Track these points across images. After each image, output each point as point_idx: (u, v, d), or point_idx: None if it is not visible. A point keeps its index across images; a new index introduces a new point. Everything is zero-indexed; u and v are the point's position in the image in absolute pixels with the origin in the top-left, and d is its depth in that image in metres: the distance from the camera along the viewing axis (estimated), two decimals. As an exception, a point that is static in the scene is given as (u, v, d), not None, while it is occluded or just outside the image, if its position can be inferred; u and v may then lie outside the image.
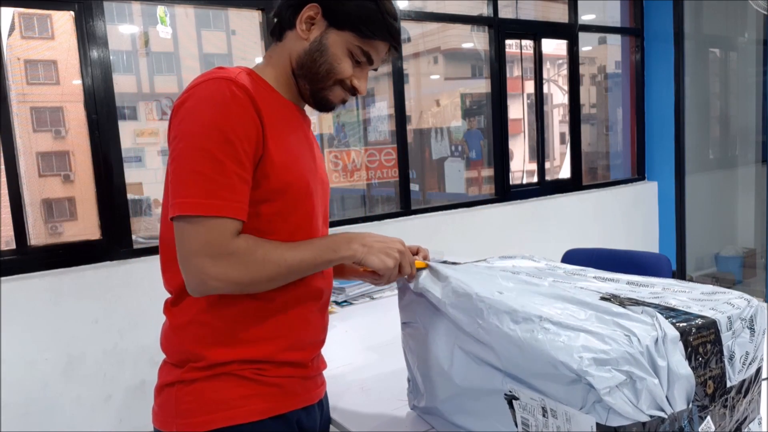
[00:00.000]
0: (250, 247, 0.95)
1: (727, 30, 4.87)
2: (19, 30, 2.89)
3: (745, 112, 4.70)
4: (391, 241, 1.08)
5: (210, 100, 0.93)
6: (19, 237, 2.51)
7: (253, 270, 0.94)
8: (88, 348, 2.58)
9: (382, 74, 3.66)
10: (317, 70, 1.04)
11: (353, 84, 1.07)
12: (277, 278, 0.98)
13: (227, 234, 0.92)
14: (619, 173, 4.99)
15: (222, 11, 3.25)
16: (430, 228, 3.61)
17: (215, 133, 0.91)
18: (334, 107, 1.11)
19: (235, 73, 0.98)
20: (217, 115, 0.92)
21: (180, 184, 0.92)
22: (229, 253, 0.92)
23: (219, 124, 0.92)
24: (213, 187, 0.91)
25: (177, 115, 0.97)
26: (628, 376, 0.68)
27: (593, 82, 5.19)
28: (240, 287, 0.96)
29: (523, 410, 0.82)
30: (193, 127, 0.93)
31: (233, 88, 0.94)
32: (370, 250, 1.04)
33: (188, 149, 0.92)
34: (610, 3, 4.81)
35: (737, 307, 0.79)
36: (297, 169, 1.04)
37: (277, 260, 0.96)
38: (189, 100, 0.95)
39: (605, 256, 2.15)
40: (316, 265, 1.01)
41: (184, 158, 0.92)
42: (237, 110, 0.93)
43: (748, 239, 4.67)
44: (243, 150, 0.93)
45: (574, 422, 0.72)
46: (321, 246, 1.02)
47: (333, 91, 1.07)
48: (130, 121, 3.13)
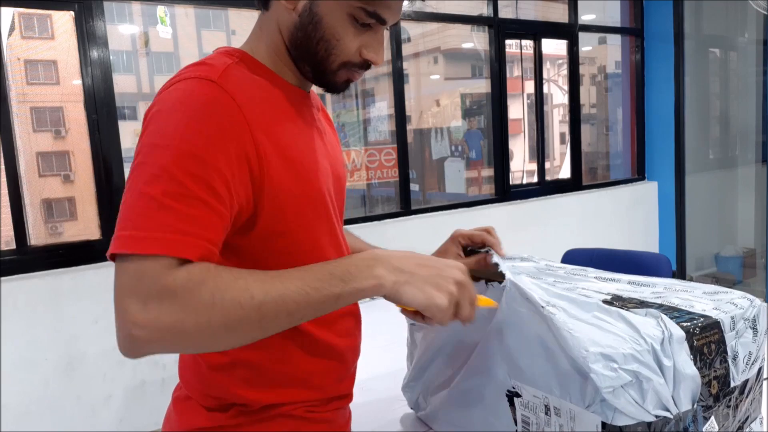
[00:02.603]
0: (194, 278, 0.66)
1: (727, 30, 4.87)
2: (19, 30, 2.89)
3: (745, 112, 4.70)
4: (445, 267, 0.75)
5: (180, 104, 0.73)
6: (19, 237, 2.51)
7: (197, 312, 0.65)
8: (88, 348, 2.58)
9: (382, 74, 3.66)
10: (315, 49, 0.81)
11: (365, 57, 0.83)
12: (240, 326, 0.67)
13: (166, 270, 0.66)
14: (619, 173, 4.99)
15: (222, 11, 3.25)
16: (430, 228, 3.61)
17: (180, 145, 0.69)
18: (344, 89, 0.89)
19: (218, 69, 0.76)
20: (187, 123, 0.71)
21: (124, 212, 0.69)
22: (161, 290, 0.65)
23: (186, 135, 0.70)
24: (162, 217, 0.67)
25: (146, 118, 0.76)
26: (635, 376, 0.68)
27: (593, 82, 5.19)
28: (182, 339, 0.67)
29: (524, 408, 0.81)
30: (154, 137, 0.71)
31: (214, 92, 0.73)
32: (409, 278, 0.72)
33: (142, 165, 0.70)
34: (610, 3, 4.81)
35: (740, 307, 0.79)
36: (314, 181, 0.83)
37: (237, 297, 0.66)
38: (157, 105, 0.75)
39: (605, 256, 2.15)
40: (311, 305, 0.69)
41: (135, 176, 0.70)
42: (215, 120, 0.72)
43: (748, 239, 4.67)
44: (217, 171, 0.70)
45: (579, 421, 0.72)
46: (322, 273, 0.71)
47: (339, 74, 0.84)
48: (130, 121, 3.13)
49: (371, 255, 0.73)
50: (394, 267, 0.72)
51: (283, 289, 0.68)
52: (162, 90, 0.77)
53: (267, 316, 0.68)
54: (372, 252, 0.74)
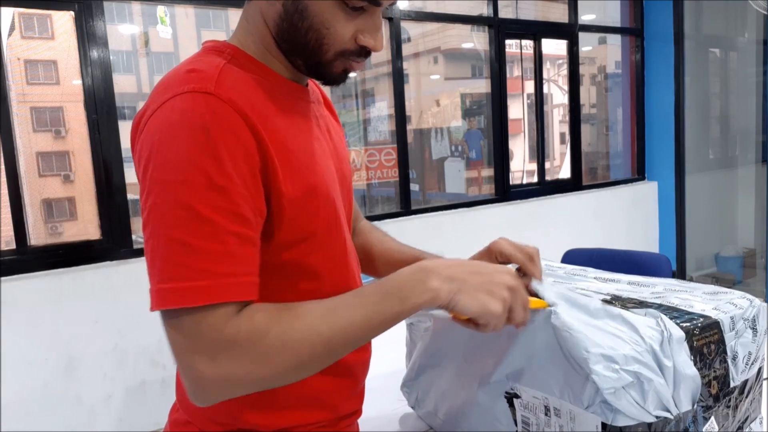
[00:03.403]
0: (257, 326, 0.65)
1: (727, 30, 4.87)
2: (19, 30, 2.89)
3: (745, 112, 4.70)
4: (495, 273, 0.73)
5: (182, 129, 0.65)
6: (19, 237, 2.51)
7: (269, 360, 0.65)
8: (88, 348, 2.58)
9: (382, 74, 3.66)
10: (304, 40, 0.73)
11: (361, 44, 0.74)
12: (312, 362, 0.68)
13: (222, 318, 0.64)
14: (619, 173, 4.99)
15: (222, 11, 3.25)
16: (430, 228, 3.61)
17: (196, 177, 0.64)
18: (344, 80, 0.80)
19: (212, 77, 0.69)
20: (195, 150, 0.64)
21: (156, 261, 0.65)
22: (227, 344, 0.64)
23: (199, 163, 0.64)
24: (202, 262, 0.64)
25: (139, 145, 0.69)
26: (636, 376, 0.68)
27: (593, 82, 5.19)
28: (257, 386, 0.68)
29: (524, 409, 0.81)
30: (164, 172, 0.65)
31: (213, 106, 0.66)
32: (461, 287, 0.70)
33: (161, 207, 0.65)
34: (610, 3, 4.81)
35: (740, 307, 0.79)
36: (321, 186, 0.77)
37: (306, 337, 0.66)
38: (155, 132, 0.67)
39: (605, 256, 2.15)
40: (374, 328, 0.70)
41: (156, 219, 0.65)
42: (223, 139, 0.66)
43: (748, 239, 4.67)
44: (239, 195, 0.66)
45: (579, 422, 0.72)
46: (378, 295, 0.70)
47: (336, 65, 0.76)
48: (130, 121, 3.13)
49: (421, 268, 0.71)
50: (445, 277, 0.70)
51: (347, 318, 0.68)
52: (153, 107, 0.69)
53: (335, 349, 0.69)
54: (420, 265, 0.72)
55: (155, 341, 2.69)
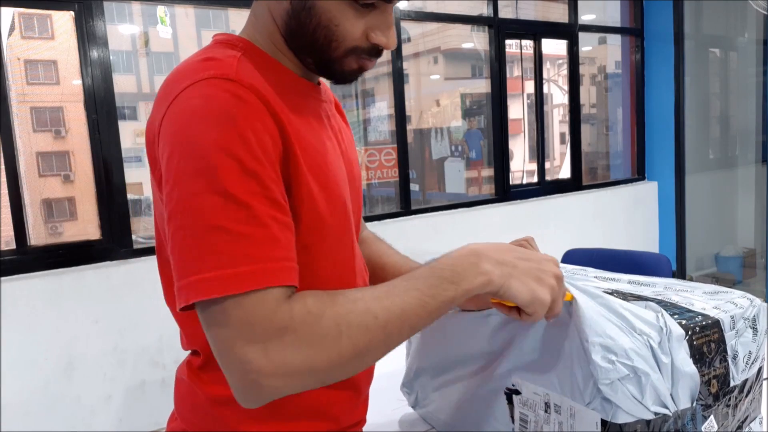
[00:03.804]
0: (311, 309, 0.61)
1: (727, 30, 4.87)
2: (19, 30, 2.89)
3: (745, 112, 4.70)
4: (543, 260, 0.70)
5: (206, 113, 0.62)
6: (19, 237, 2.51)
7: (325, 345, 0.61)
8: (88, 348, 2.58)
9: (382, 74, 3.67)
10: (312, 38, 0.71)
11: (373, 41, 0.72)
12: (369, 348, 0.63)
13: (272, 305, 0.60)
14: (619, 173, 4.99)
15: (222, 11, 3.25)
16: (430, 228, 3.61)
17: (226, 163, 0.60)
18: (356, 78, 0.77)
19: (231, 65, 0.67)
20: (223, 135, 0.61)
21: (189, 252, 0.61)
22: (280, 330, 0.60)
23: (228, 148, 0.61)
24: (243, 247, 0.60)
25: (161, 138, 0.65)
26: (633, 370, 0.68)
27: (593, 82, 5.19)
28: (314, 377, 0.62)
29: (523, 406, 0.81)
30: (192, 160, 0.61)
31: (237, 91, 0.63)
32: (512, 272, 0.68)
33: (193, 196, 0.61)
34: (610, 3, 4.81)
35: (740, 307, 0.79)
36: (334, 187, 0.75)
37: (362, 321, 0.62)
38: (175, 120, 0.64)
39: (605, 256, 2.15)
40: (430, 313, 0.65)
41: (190, 211, 0.61)
42: (250, 124, 0.63)
43: (748, 239, 4.67)
44: (271, 179, 0.63)
45: (579, 418, 0.72)
46: (432, 279, 0.66)
47: (347, 62, 0.74)
48: (130, 121, 3.13)
49: (472, 251, 0.68)
50: (496, 260, 0.67)
51: (403, 303, 0.64)
52: (171, 96, 0.65)
53: (392, 334, 0.64)
54: (470, 247, 0.69)
55: (155, 341, 2.70)
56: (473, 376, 0.92)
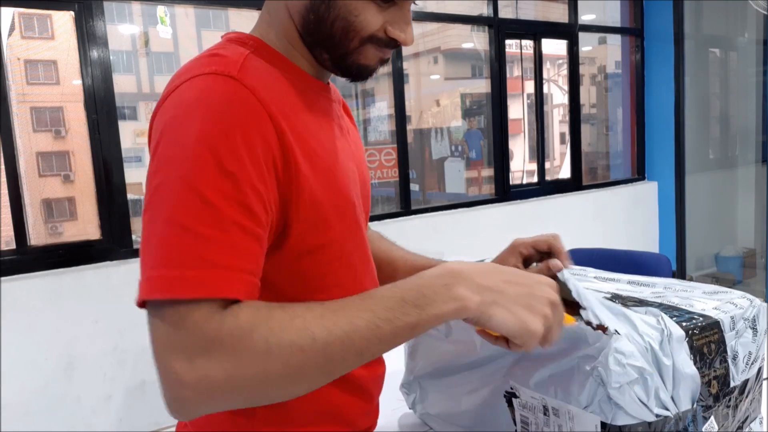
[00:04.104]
0: (241, 323, 0.57)
1: (727, 30, 4.87)
2: (19, 30, 2.89)
3: (745, 112, 4.70)
4: (536, 284, 0.64)
5: (197, 107, 0.61)
6: (19, 237, 2.51)
7: (251, 361, 0.56)
8: (88, 348, 2.58)
9: (382, 74, 3.66)
10: (330, 31, 0.70)
11: (390, 35, 0.71)
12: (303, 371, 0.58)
13: (210, 315, 0.56)
14: (619, 173, 4.99)
15: (222, 11, 3.25)
16: (430, 228, 3.61)
17: (204, 158, 0.59)
18: (371, 73, 0.76)
19: (236, 62, 0.66)
20: (208, 130, 0.59)
21: (151, 245, 0.59)
22: (206, 342, 0.56)
23: (210, 144, 0.59)
24: (197, 249, 0.57)
25: (155, 128, 0.65)
26: (640, 372, 0.68)
27: (593, 82, 5.19)
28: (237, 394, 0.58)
29: (523, 408, 0.81)
30: (172, 149, 0.60)
31: (234, 90, 0.62)
32: (497, 298, 0.61)
33: (166, 186, 0.59)
34: (610, 3, 4.81)
35: (740, 307, 0.79)
36: (343, 188, 0.73)
37: (296, 341, 0.56)
38: (170, 109, 0.64)
39: (605, 256, 2.15)
40: (382, 339, 0.58)
41: (157, 200, 0.60)
42: (240, 124, 0.61)
43: (748, 239, 4.67)
44: (250, 185, 0.60)
45: (578, 421, 0.72)
46: (392, 300, 0.59)
47: (363, 53, 0.72)
48: (130, 121, 3.14)
49: (448, 271, 0.61)
50: (477, 285, 0.60)
51: (349, 324, 0.57)
52: (171, 88, 0.65)
53: (333, 359, 0.58)
54: (447, 267, 0.62)
55: (155, 341, 2.69)
56: (473, 377, 0.92)
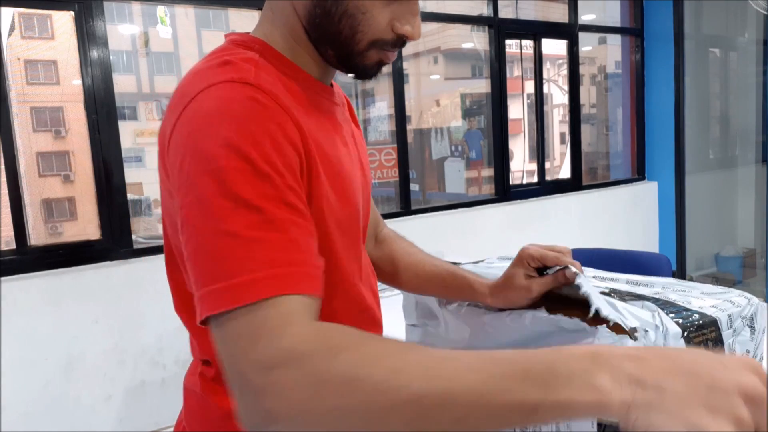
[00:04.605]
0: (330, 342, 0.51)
1: (727, 30, 4.87)
2: (19, 30, 2.90)
3: (745, 112, 4.70)
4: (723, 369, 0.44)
5: (222, 115, 0.58)
6: (19, 237, 2.51)
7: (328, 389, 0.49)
8: (88, 348, 2.58)
9: (382, 74, 3.66)
10: (337, 28, 0.68)
11: (398, 32, 0.71)
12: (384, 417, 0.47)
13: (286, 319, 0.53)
14: (619, 173, 4.99)
15: (222, 11, 3.25)
16: (430, 228, 3.61)
17: (239, 164, 0.56)
18: (376, 72, 0.75)
19: (250, 69, 0.64)
20: (238, 137, 0.57)
21: (201, 263, 0.56)
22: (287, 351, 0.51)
23: (242, 150, 0.56)
24: (255, 253, 0.54)
25: (172, 147, 0.61)
26: None
27: (593, 82, 5.19)
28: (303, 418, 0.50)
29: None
30: (203, 163, 0.57)
31: (255, 95, 0.60)
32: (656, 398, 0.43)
33: (203, 201, 0.56)
34: (610, 3, 4.81)
35: (738, 306, 0.79)
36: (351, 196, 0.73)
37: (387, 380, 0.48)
38: (189, 119, 0.60)
39: (605, 256, 2.15)
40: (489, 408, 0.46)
41: (201, 218, 0.57)
42: (267, 127, 0.59)
43: (748, 239, 4.67)
44: (287, 185, 0.59)
45: (574, 420, 0.72)
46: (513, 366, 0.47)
47: (369, 57, 0.71)
48: (130, 121, 3.14)
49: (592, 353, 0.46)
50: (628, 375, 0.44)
51: (454, 382, 0.47)
52: (186, 99, 0.62)
53: (424, 416, 0.47)
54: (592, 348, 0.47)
55: (155, 341, 2.69)
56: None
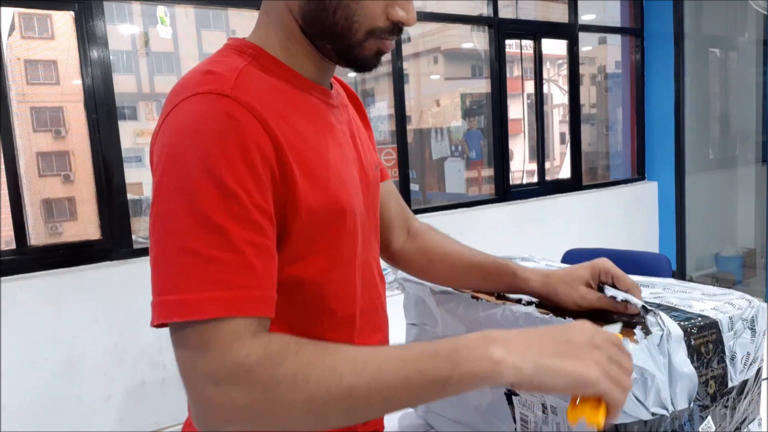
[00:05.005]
0: (270, 354, 0.58)
1: (727, 30, 4.86)
2: (19, 30, 2.90)
3: (745, 112, 4.70)
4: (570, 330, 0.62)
5: (194, 132, 0.62)
6: (19, 237, 2.51)
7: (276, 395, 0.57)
8: (88, 348, 2.58)
9: (382, 74, 3.67)
10: (333, 20, 0.69)
11: (393, 18, 0.70)
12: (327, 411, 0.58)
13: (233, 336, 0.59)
14: (619, 173, 4.99)
15: (222, 11, 3.25)
16: (430, 228, 3.61)
17: (208, 183, 0.60)
18: (375, 65, 0.75)
19: (229, 79, 0.66)
20: (208, 153, 0.60)
21: (161, 271, 0.61)
22: (233, 368, 0.57)
23: (212, 167, 0.60)
24: (212, 272, 0.59)
25: (153, 155, 0.67)
26: (641, 372, 0.68)
27: (593, 82, 5.19)
28: (259, 422, 0.58)
29: (522, 406, 0.81)
30: (175, 178, 0.61)
31: (228, 109, 0.63)
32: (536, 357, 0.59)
33: (171, 214, 0.60)
34: (610, 3, 4.81)
35: (738, 308, 0.79)
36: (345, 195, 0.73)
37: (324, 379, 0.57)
38: (166, 135, 0.64)
39: (605, 256, 2.14)
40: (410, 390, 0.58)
41: (164, 228, 0.61)
42: (238, 143, 0.62)
43: (748, 239, 4.67)
44: (255, 203, 0.62)
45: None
46: (424, 352, 0.59)
47: (368, 47, 0.72)
48: (130, 121, 3.14)
49: (484, 334, 0.60)
50: (515, 346, 0.58)
51: (379, 370, 0.58)
52: (168, 108, 0.66)
53: (358, 403, 0.58)
54: (485, 332, 0.61)
55: (155, 341, 2.69)
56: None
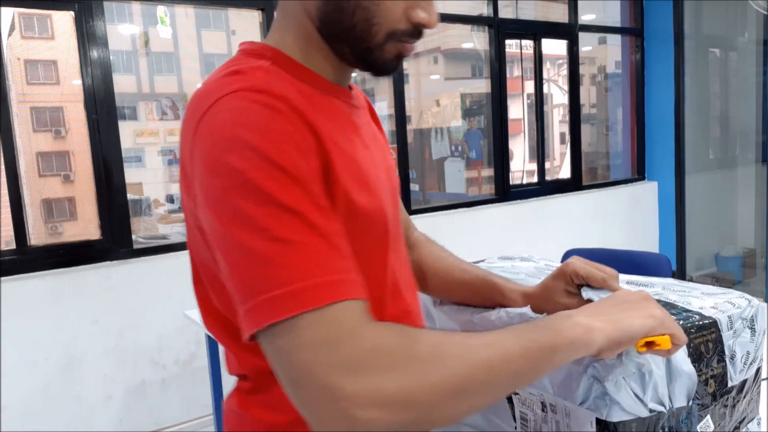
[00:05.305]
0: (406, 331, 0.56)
1: (727, 30, 4.86)
2: (19, 30, 2.90)
3: (745, 112, 4.70)
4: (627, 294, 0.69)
5: (238, 126, 0.57)
6: (19, 237, 2.51)
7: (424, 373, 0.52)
8: (88, 348, 2.58)
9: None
10: (351, 22, 0.66)
11: (414, 20, 0.67)
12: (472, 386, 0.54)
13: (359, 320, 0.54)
14: (619, 173, 4.99)
15: (222, 11, 3.25)
16: (430, 228, 3.57)
17: (271, 171, 0.55)
18: (395, 68, 0.71)
19: (261, 77, 0.63)
20: (261, 144, 0.56)
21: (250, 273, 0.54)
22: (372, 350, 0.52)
23: (270, 156, 0.56)
24: (310, 257, 0.54)
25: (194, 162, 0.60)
26: (638, 367, 0.68)
27: (593, 82, 5.19)
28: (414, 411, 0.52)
29: (522, 405, 0.81)
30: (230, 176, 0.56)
31: (268, 102, 0.59)
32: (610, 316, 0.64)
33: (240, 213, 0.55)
34: (610, 3, 4.81)
35: (738, 307, 0.79)
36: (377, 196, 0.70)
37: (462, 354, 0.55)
38: (205, 134, 0.59)
39: (605, 256, 2.15)
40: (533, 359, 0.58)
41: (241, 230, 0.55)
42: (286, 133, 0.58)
43: (748, 239, 4.67)
44: (318, 188, 0.59)
45: (574, 417, 0.72)
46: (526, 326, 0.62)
47: (388, 50, 0.68)
48: (130, 121, 3.14)
49: (560, 312, 0.64)
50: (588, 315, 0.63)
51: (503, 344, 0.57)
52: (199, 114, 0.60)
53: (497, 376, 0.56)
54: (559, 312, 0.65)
55: (155, 341, 2.70)
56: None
